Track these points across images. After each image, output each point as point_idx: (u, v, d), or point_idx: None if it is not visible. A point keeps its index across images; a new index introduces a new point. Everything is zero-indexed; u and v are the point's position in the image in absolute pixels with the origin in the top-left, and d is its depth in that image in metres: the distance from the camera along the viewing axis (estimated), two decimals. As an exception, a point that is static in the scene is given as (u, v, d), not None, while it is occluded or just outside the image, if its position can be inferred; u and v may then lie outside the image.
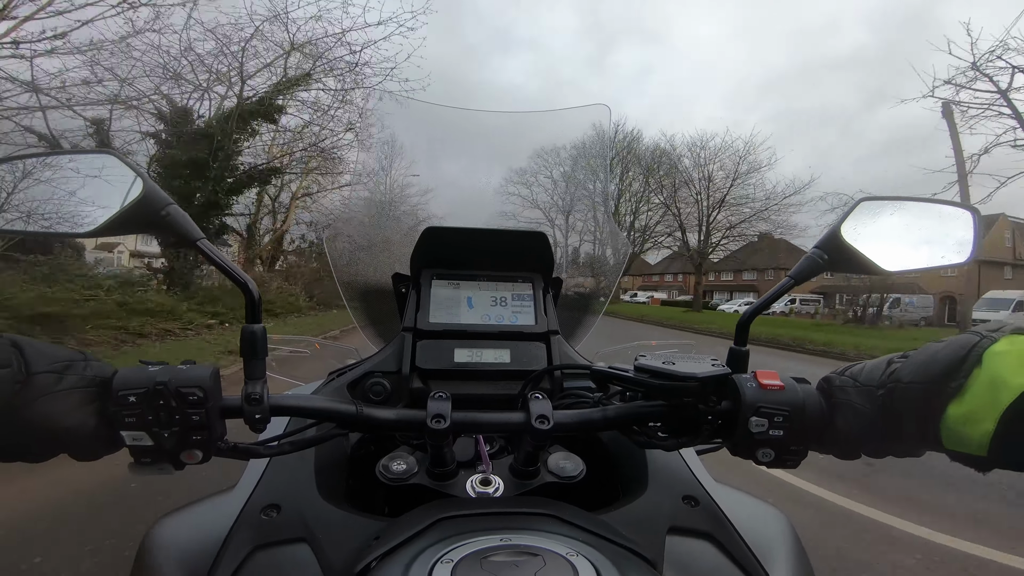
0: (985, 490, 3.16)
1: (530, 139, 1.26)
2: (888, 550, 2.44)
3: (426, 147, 1.20)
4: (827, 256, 0.57)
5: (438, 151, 1.21)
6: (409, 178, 1.14)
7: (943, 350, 0.45)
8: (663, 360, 0.53)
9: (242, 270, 0.51)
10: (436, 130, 1.21)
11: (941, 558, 2.37)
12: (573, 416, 0.55)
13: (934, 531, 2.62)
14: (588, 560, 0.37)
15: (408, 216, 1.10)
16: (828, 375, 0.53)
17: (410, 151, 1.17)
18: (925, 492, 3.13)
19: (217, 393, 0.47)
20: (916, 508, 2.91)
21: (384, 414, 0.54)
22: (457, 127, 1.20)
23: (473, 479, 0.60)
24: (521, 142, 1.26)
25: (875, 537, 2.58)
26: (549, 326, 0.75)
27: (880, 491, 3.12)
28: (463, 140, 1.22)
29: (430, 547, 0.39)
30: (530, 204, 1.16)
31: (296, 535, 0.51)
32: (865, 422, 0.49)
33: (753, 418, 0.49)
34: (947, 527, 2.67)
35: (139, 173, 0.50)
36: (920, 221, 0.60)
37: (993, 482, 3.21)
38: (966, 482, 3.13)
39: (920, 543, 2.51)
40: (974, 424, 0.41)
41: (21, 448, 0.43)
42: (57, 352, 0.45)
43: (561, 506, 0.47)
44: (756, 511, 0.62)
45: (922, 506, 2.95)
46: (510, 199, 1.17)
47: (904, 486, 3.19)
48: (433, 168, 1.18)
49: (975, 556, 2.39)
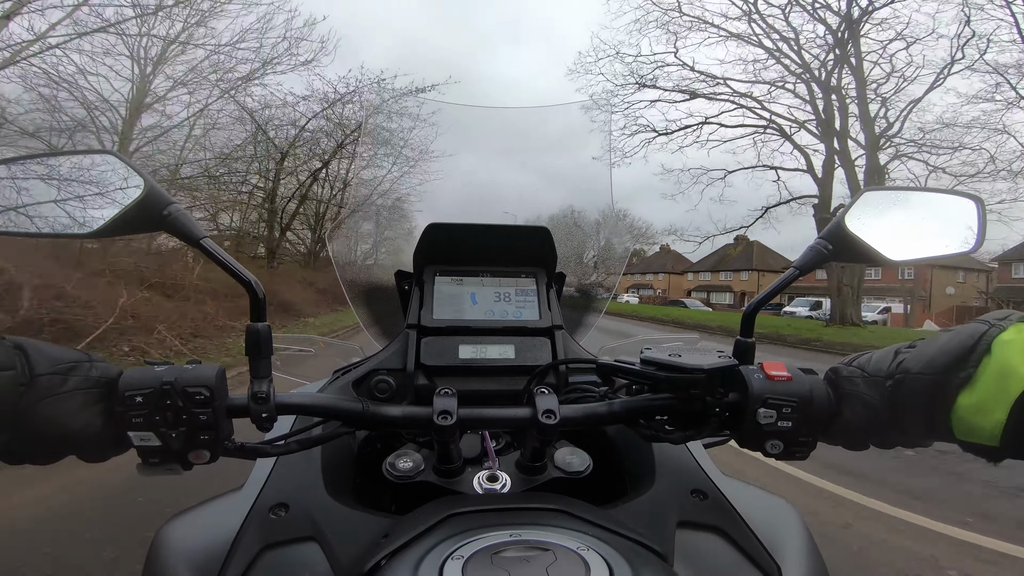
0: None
1: (532, 134, 1.26)
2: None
3: (428, 143, 1.19)
4: (832, 247, 0.57)
5: (440, 147, 1.21)
6: (411, 175, 1.14)
7: (951, 340, 0.45)
8: (669, 353, 0.53)
9: (246, 269, 0.50)
10: (437, 126, 1.21)
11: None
12: (579, 410, 0.54)
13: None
14: (599, 554, 0.37)
15: (410, 213, 1.10)
16: (835, 366, 0.53)
17: (412, 148, 1.17)
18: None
19: (223, 392, 0.47)
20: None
21: (390, 411, 0.54)
22: (459, 123, 1.19)
23: (480, 476, 0.60)
24: (523, 137, 1.26)
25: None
26: (553, 321, 0.74)
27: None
28: (465, 136, 1.22)
29: (440, 544, 0.39)
30: (533, 199, 1.16)
31: (305, 534, 0.51)
32: (873, 413, 0.48)
33: (761, 409, 0.48)
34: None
35: (140, 173, 0.50)
36: (925, 211, 0.60)
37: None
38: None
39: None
40: (985, 414, 0.41)
41: (28, 451, 0.43)
42: (61, 354, 0.44)
43: (570, 501, 0.47)
44: (766, 504, 0.62)
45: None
46: (512, 195, 1.17)
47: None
48: (435, 164, 1.18)
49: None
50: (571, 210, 1.16)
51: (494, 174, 1.18)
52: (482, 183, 1.16)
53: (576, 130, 1.18)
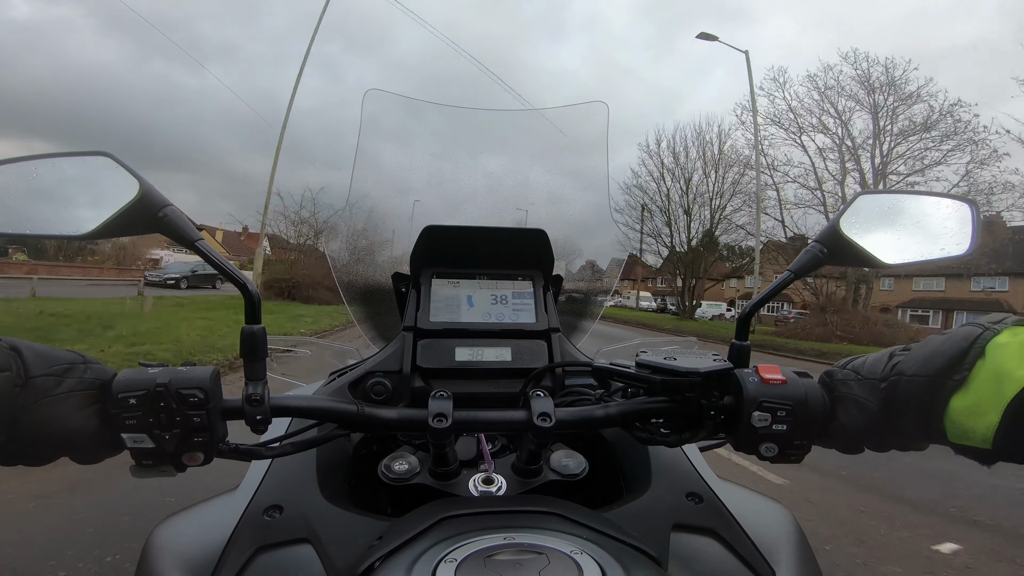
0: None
1: (530, 137, 1.25)
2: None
3: (424, 146, 1.19)
4: (827, 250, 0.57)
5: (437, 149, 1.20)
6: (408, 177, 1.14)
7: (945, 342, 0.45)
8: (664, 356, 0.53)
9: (240, 270, 0.50)
10: (435, 129, 1.21)
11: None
12: (575, 413, 0.54)
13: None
14: (593, 558, 0.37)
15: (407, 214, 1.10)
16: (830, 369, 0.53)
17: (408, 150, 1.17)
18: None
19: (218, 394, 0.46)
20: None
21: (386, 414, 0.53)
22: (457, 125, 1.19)
23: (476, 478, 0.59)
24: (521, 140, 1.26)
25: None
26: (550, 324, 0.74)
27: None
28: (463, 138, 1.22)
29: (433, 547, 0.39)
30: (530, 202, 1.16)
31: (299, 536, 0.51)
32: (868, 415, 0.49)
33: (756, 413, 0.49)
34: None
35: (135, 174, 0.50)
36: (919, 214, 0.60)
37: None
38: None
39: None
40: (978, 417, 0.41)
41: (22, 452, 0.43)
42: (56, 355, 0.44)
43: (565, 504, 0.47)
44: (760, 507, 0.62)
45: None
46: (510, 197, 1.17)
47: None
48: (432, 166, 1.18)
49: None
50: (568, 213, 1.16)
51: (492, 176, 1.19)
52: (480, 185, 1.16)
53: (575, 132, 1.19)
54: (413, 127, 1.18)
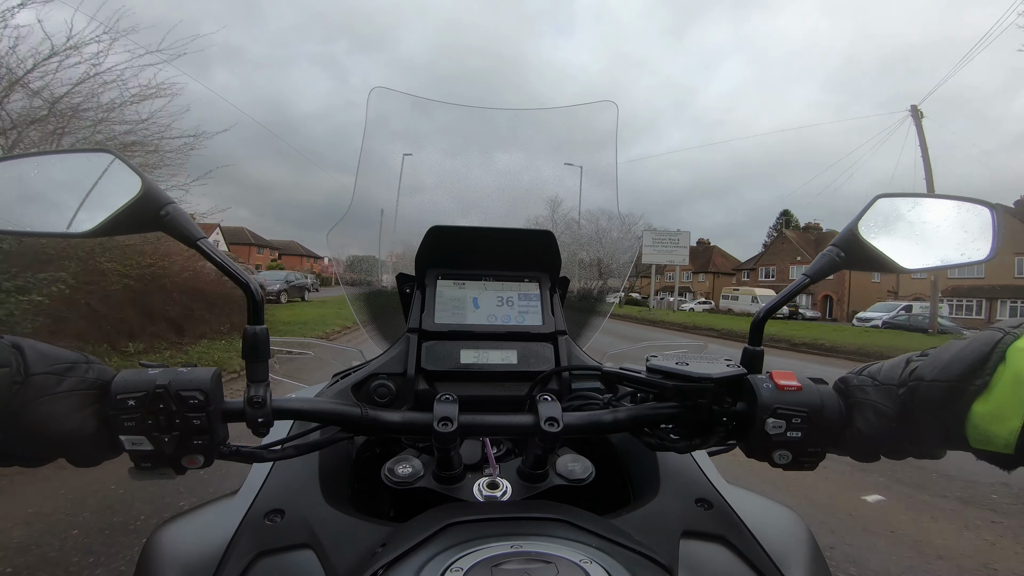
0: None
1: (537, 137, 1.24)
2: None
3: (430, 145, 1.18)
4: (844, 254, 0.56)
5: (442, 149, 1.20)
6: (414, 176, 1.13)
7: (966, 347, 0.44)
8: (676, 360, 0.52)
9: (243, 270, 0.50)
10: (440, 128, 1.20)
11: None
12: (583, 418, 0.53)
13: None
14: (602, 567, 0.36)
15: (412, 215, 1.09)
16: (845, 375, 0.52)
17: (414, 149, 1.16)
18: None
19: (219, 396, 0.46)
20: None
21: (390, 417, 0.52)
22: (462, 125, 1.18)
23: (480, 482, 0.58)
24: (528, 140, 1.25)
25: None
26: (556, 326, 0.73)
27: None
28: (469, 138, 1.21)
29: (439, 554, 0.38)
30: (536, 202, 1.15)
31: (300, 541, 0.50)
32: (885, 421, 0.48)
33: (770, 420, 0.47)
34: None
35: (138, 172, 0.49)
36: (938, 218, 0.58)
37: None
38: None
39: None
40: (1000, 422, 0.41)
41: (18, 452, 0.42)
42: (59, 354, 0.44)
43: (573, 511, 0.46)
44: (771, 513, 0.61)
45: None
46: (516, 197, 1.16)
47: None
48: (438, 166, 1.17)
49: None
50: (576, 213, 1.15)
51: (499, 176, 1.17)
52: (486, 185, 1.15)
53: (582, 132, 1.17)
54: (419, 126, 1.17)
